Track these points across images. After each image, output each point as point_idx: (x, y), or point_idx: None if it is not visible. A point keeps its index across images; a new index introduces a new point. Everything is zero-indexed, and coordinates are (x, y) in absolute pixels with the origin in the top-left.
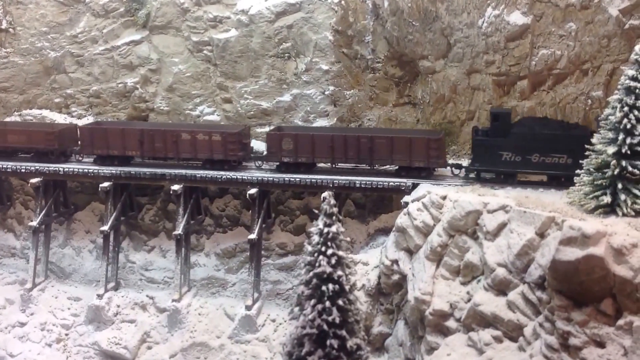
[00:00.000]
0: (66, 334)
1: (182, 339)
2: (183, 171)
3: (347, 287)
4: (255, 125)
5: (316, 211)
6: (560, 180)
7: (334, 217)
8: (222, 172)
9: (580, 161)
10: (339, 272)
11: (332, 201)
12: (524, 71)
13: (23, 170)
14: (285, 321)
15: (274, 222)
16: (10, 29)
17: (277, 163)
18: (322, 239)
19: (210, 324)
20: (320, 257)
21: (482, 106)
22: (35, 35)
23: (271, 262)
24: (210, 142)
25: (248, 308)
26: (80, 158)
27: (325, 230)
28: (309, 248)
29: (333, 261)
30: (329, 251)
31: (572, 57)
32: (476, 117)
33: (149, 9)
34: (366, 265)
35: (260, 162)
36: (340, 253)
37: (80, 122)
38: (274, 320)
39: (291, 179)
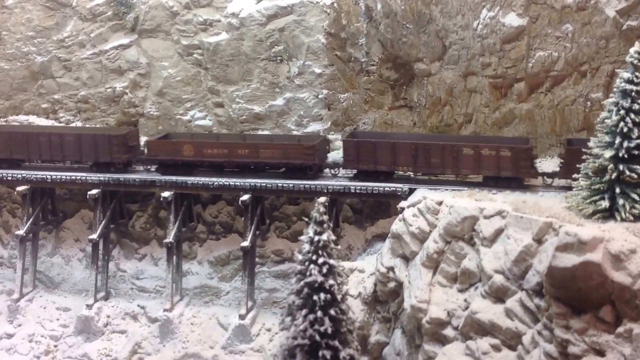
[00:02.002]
0: (55, 346)
1: (174, 349)
2: (174, 177)
3: (339, 297)
4: (247, 130)
5: (306, 219)
6: None
7: (324, 225)
8: (213, 178)
9: None
10: (331, 281)
11: (322, 209)
12: (521, 73)
13: (9, 178)
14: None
15: (269, 229)
16: None
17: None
18: (312, 247)
19: (203, 334)
20: (311, 265)
21: (479, 109)
22: (21, 40)
23: (267, 270)
24: (498, 157)
25: (242, 317)
26: (335, 173)
27: (316, 238)
28: (300, 257)
29: (324, 270)
30: (320, 260)
31: (569, 59)
32: (474, 120)
33: (137, 13)
34: (362, 273)
35: (550, 180)
36: (332, 261)
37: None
38: (269, 330)
39: (284, 185)
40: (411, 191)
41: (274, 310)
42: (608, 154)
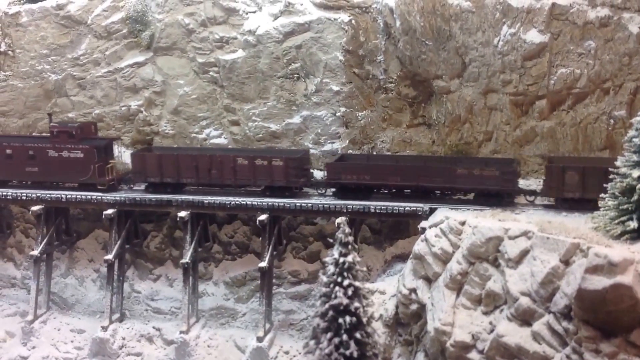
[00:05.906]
0: None
1: None
2: (190, 197)
3: (364, 319)
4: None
5: (331, 240)
6: None
7: (349, 246)
8: (230, 198)
9: None
10: (356, 304)
11: (347, 229)
12: (543, 90)
13: (24, 198)
14: (299, 353)
15: (285, 249)
16: (10, 52)
17: None
18: (337, 269)
19: (220, 357)
20: (336, 288)
21: (499, 127)
22: (35, 58)
23: (283, 291)
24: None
25: (260, 339)
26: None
27: (341, 260)
28: (324, 279)
29: (350, 292)
30: (345, 282)
31: (592, 76)
32: (494, 138)
33: (152, 30)
34: (383, 294)
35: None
36: (357, 284)
37: None
38: (287, 353)
39: (303, 204)
40: (432, 211)
41: (290, 333)
42: (636, 173)
